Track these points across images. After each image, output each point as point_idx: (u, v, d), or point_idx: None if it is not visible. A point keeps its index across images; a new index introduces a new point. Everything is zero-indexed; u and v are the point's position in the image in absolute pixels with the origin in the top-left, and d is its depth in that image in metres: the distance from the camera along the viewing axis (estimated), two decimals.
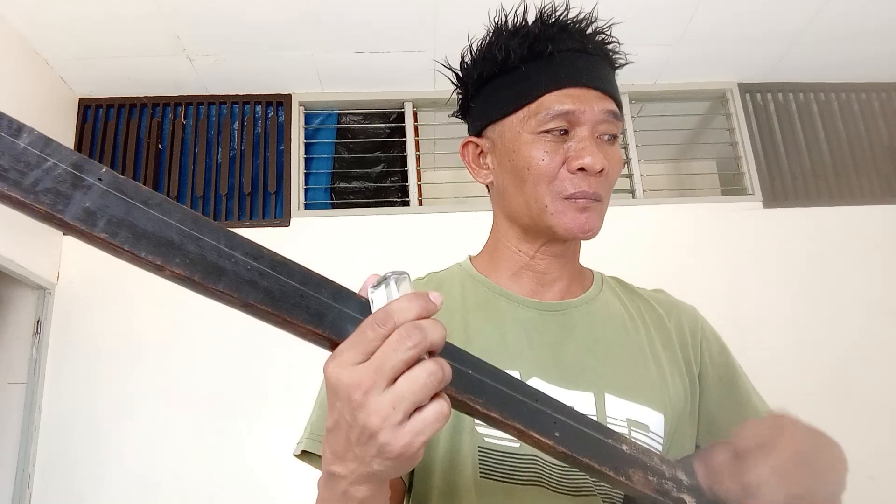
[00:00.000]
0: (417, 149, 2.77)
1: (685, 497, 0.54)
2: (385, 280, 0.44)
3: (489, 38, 0.76)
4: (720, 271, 2.59)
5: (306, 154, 2.75)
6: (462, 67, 0.79)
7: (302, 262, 0.45)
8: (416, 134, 2.80)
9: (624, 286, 0.85)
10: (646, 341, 0.76)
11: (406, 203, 2.70)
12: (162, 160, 2.69)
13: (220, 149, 2.70)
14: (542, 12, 0.74)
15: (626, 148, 2.81)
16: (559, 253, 0.76)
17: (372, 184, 2.82)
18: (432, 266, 0.88)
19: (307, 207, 2.67)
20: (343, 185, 2.81)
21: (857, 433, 2.40)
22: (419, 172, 2.76)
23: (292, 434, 0.75)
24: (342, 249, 2.46)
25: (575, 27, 0.74)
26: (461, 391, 0.46)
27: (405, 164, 2.74)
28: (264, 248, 0.42)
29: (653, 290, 0.87)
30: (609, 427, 0.54)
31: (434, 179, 2.84)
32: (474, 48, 0.77)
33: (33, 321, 2.36)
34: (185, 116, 2.74)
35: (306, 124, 2.78)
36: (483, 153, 0.78)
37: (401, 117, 2.82)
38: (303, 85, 2.72)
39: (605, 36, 0.76)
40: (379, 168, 2.83)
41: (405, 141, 2.76)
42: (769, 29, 2.50)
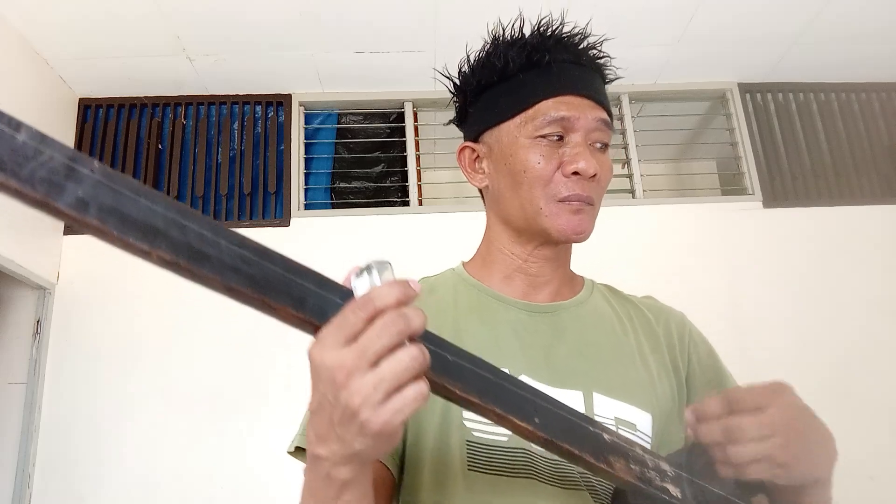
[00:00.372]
0: (417, 149, 2.78)
1: (669, 486, 0.55)
2: (368, 268, 0.46)
3: (487, 48, 0.79)
4: (720, 271, 2.59)
5: (306, 154, 2.75)
6: (460, 75, 0.82)
7: (302, 262, 0.46)
8: (416, 134, 2.80)
9: (614, 292, 0.87)
10: (634, 344, 0.78)
11: (406, 203, 2.70)
12: (162, 160, 2.69)
13: (220, 149, 2.70)
14: (540, 24, 0.78)
15: (626, 148, 2.81)
16: (551, 256, 0.79)
17: (372, 184, 2.82)
18: (432, 266, 0.88)
19: (307, 207, 2.67)
20: (343, 185, 2.81)
21: (857, 433, 2.40)
22: (419, 172, 2.76)
23: (293, 434, 0.75)
24: (342, 249, 2.46)
25: (569, 40, 0.78)
26: (439, 375, 0.47)
27: (405, 164, 2.74)
28: (248, 238, 0.44)
29: (643, 297, 0.89)
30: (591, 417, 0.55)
31: (434, 179, 2.84)
32: (472, 57, 0.81)
33: (33, 321, 2.36)
34: (185, 116, 2.74)
35: (306, 124, 2.78)
36: (479, 158, 0.81)
37: (401, 117, 2.82)
38: (303, 85, 2.72)
39: (598, 51, 0.80)
40: (379, 168, 2.83)
41: (405, 141, 2.76)
42: (769, 29, 2.50)
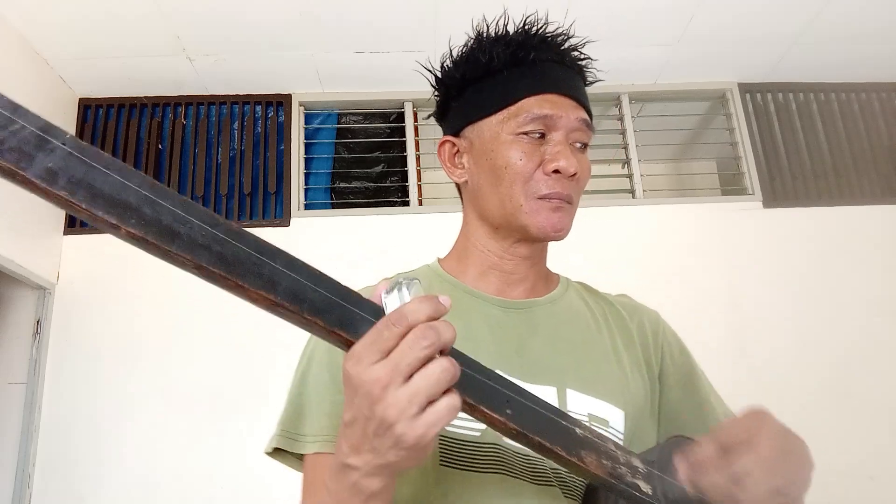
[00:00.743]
0: (417, 149, 2.77)
1: (640, 483, 0.55)
2: (397, 285, 0.47)
3: (472, 44, 0.79)
4: (720, 271, 2.59)
5: (306, 154, 2.75)
6: (443, 70, 0.82)
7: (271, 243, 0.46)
8: (416, 134, 2.80)
9: (589, 290, 0.88)
10: (608, 341, 0.79)
11: (406, 203, 2.70)
12: (162, 160, 2.69)
13: (220, 149, 2.70)
14: (526, 22, 0.78)
15: (626, 148, 2.81)
16: (528, 254, 0.79)
17: (372, 184, 2.82)
18: None
19: (307, 207, 2.67)
20: (343, 185, 2.81)
21: (857, 433, 2.41)
22: (419, 172, 2.76)
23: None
24: (342, 249, 2.46)
25: (553, 40, 0.78)
26: None
27: (405, 164, 2.74)
28: (220, 217, 0.43)
29: (617, 295, 0.89)
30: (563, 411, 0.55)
31: (434, 179, 2.84)
32: (455, 53, 0.81)
33: (33, 321, 2.36)
34: (185, 116, 2.74)
35: (306, 124, 2.78)
36: (459, 152, 0.81)
37: (401, 117, 2.82)
38: (303, 85, 2.72)
39: (580, 53, 0.80)
40: (379, 168, 2.83)
41: (405, 141, 2.76)
42: (769, 29, 2.50)
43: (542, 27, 0.78)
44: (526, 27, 0.78)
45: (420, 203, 2.69)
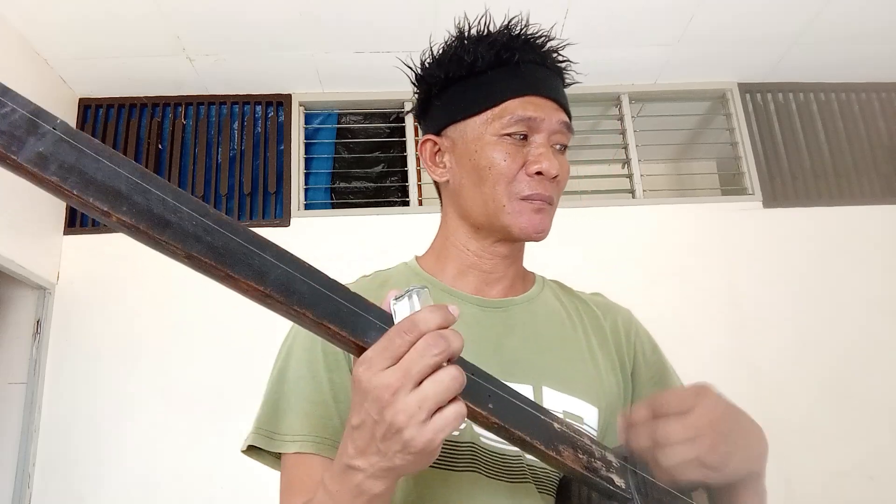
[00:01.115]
0: (417, 149, 2.77)
1: (614, 477, 0.56)
2: (407, 293, 0.48)
3: (454, 43, 0.80)
4: (720, 271, 2.59)
5: (306, 154, 2.75)
6: (425, 68, 0.82)
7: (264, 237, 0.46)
8: (416, 134, 2.80)
9: (563, 288, 0.89)
10: (583, 339, 0.80)
11: (406, 203, 2.70)
12: (162, 160, 2.69)
13: (220, 149, 2.70)
14: (510, 23, 0.79)
15: (626, 148, 2.81)
16: (507, 253, 0.80)
17: (372, 184, 2.82)
18: None
19: (307, 207, 2.67)
20: (343, 185, 2.81)
21: (857, 433, 2.41)
22: (419, 172, 2.76)
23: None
24: (342, 249, 2.45)
25: (536, 42, 0.79)
26: None
27: (405, 164, 2.74)
28: (210, 207, 0.43)
29: (591, 294, 0.90)
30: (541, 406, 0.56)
31: None
32: (436, 51, 0.82)
33: (33, 321, 2.36)
34: (185, 116, 2.74)
35: (306, 124, 2.78)
36: (441, 151, 0.81)
37: (401, 117, 2.82)
38: (303, 85, 2.72)
39: (559, 54, 0.81)
40: (379, 168, 2.83)
41: (405, 141, 2.76)
42: (769, 29, 2.50)
43: (525, 28, 0.79)
44: (509, 28, 0.79)
45: (420, 203, 2.69)
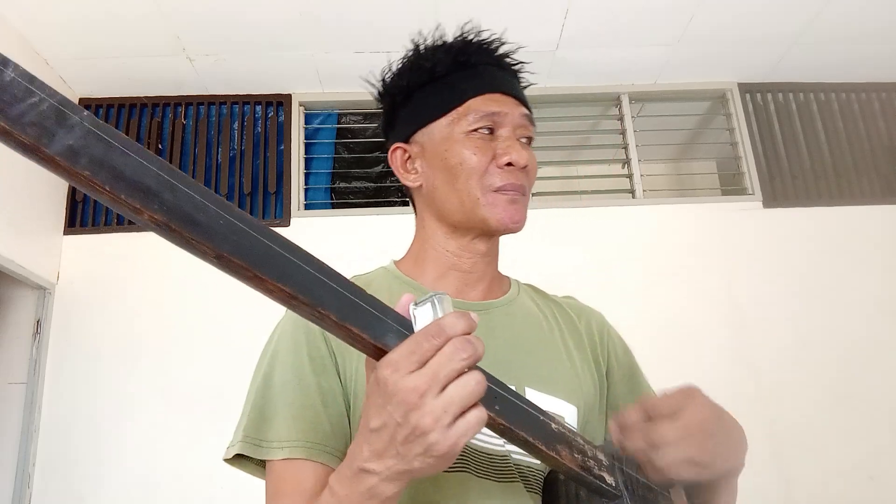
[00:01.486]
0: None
1: (605, 475, 0.58)
2: (429, 299, 0.49)
3: (412, 55, 0.83)
4: (720, 271, 2.59)
5: (306, 154, 2.75)
6: (385, 83, 0.85)
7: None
8: None
9: (537, 291, 0.91)
10: (560, 340, 0.82)
11: (406, 203, 2.70)
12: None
13: (220, 149, 2.70)
14: (462, 31, 0.83)
15: (626, 148, 2.81)
16: (485, 251, 0.81)
17: (372, 184, 2.82)
18: None
19: (307, 207, 2.67)
20: (343, 185, 2.81)
21: (858, 433, 2.41)
22: None
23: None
24: (342, 249, 2.45)
25: (490, 45, 0.83)
26: None
27: None
28: (233, 205, 0.43)
29: (563, 297, 0.92)
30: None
31: None
32: (394, 67, 0.85)
33: (33, 321, 2.36)
34: (185, 116, 2.74)
35: (306, 124, 2.78)
36: (411, 158, 0.83)
37: None
38: (303, 85, 2.72)
39: (512, 57, 0.85)
40: (379, 168, 2.83)
41: None
42: (769, 29, 2.50)
43: (478, 34, 0.83)
44: (463, 35, 0.82)
45: None
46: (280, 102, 2.76)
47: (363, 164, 2.83)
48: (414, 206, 0.88)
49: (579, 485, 0.60)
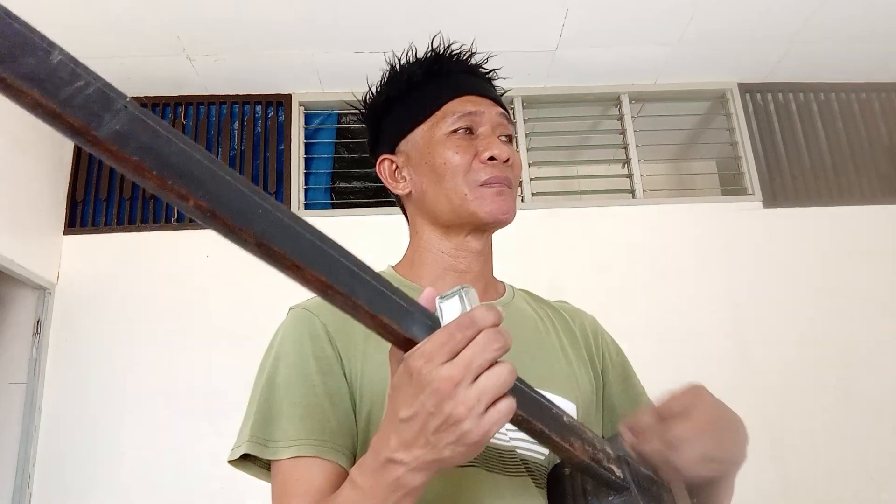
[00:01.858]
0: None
1: (613, 467, 0.59)
2: (456, 292, 0.50)
3: (388, 72, 0.88)
4: (720, 271, 2.59)
5: (306, 154, 2.75)
6: (366, 103, 0.91)
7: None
8: None
9: (532, 296, 0.93)
10: (556, 340, 0.85)
11: None
12: None
13: (220, 149, 2.70)
14: (433, 45, 0.87)
15: (626, 148, 2.81)
16: (479, 249, 0.83)
17: (372, 184, 2.82)
18: None
19: (307, 207, 2.67)
20: (343, 185, 2.81)
21: (858, 433, 2.41)
22: None
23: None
24: None
25: (461, 55, 0.87)
26: None
27: None
28: (270, 197, 0.43)
29: (557, 301, 0.95)
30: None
31: None
32: (373, 88, 0.90)
33: (33, 321, 2.36)
34: (185, 116, 2.74)
35: (306, 124, 2.78)
36: (398, 168, 0.86)
37: None
38: (303, 85, 2.72)
39: (483, 67, 0.88)
40: None
41: None
42: (769, 29, 2.50)
43: (449, 47, 0.86)
44: (434, 49, 0.86)
45: None
46: (280, 102, 2.76)
47: (363, 164, 2.83)
48: (406, 214, 0.91)
49: (589, 477, 0.61)
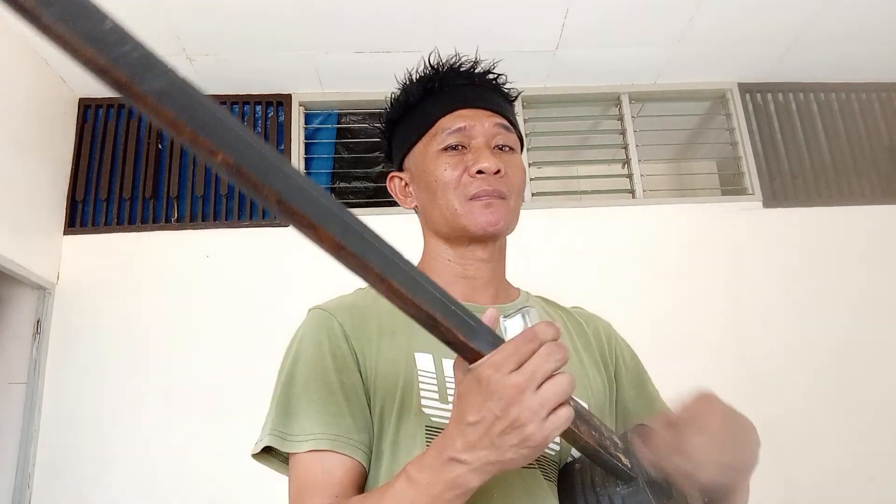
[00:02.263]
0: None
1: (620, 456, 0.61)
2: (520, 312, 0.57)
3: (395, 93, 0.92)
4: (720, 271, 2.59)
5: (306, 154, 2.75)
6: (381, 123, 0.94)
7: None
8: None
9: (547, 301, 0.95)
10: (569, 343, 0.86)
11: None
12: (162, 160, 2.69)
13: None
14: (433, 63, 0.89)
15: (626, 148, 2.81)
16: (485, 256, 0.85)
17: (372, 184, 2.82)
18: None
19: None
20: (343, 185, 2.81)
21: (858, 433, 2.41)
22: None
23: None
24: None
25: (461, 67, 0.88)
26: None
27: None
28: (287, 162, 0.46)
29: (572, 307, 0.96)
30: None
31: None
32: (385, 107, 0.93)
33: (33, 321, 2.36)
34: None
35: (306, 124, 2.78)
36: (406, 184, 0.90)
37: None
38: (303, 85, 2.72)
39: (487, 73, 0.89)
40: (379, 168, 2.83)
41: None
42: (769, 29, 2.50)
43: (452, 60, 0.88)
44: (432, 64, 0.89)
45: None
46: (280, 102, 2.76)
47: (363, 164, 2.83)
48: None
49: (596, 464, 0.62)
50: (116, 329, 2.40)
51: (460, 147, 0.83)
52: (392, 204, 2.72)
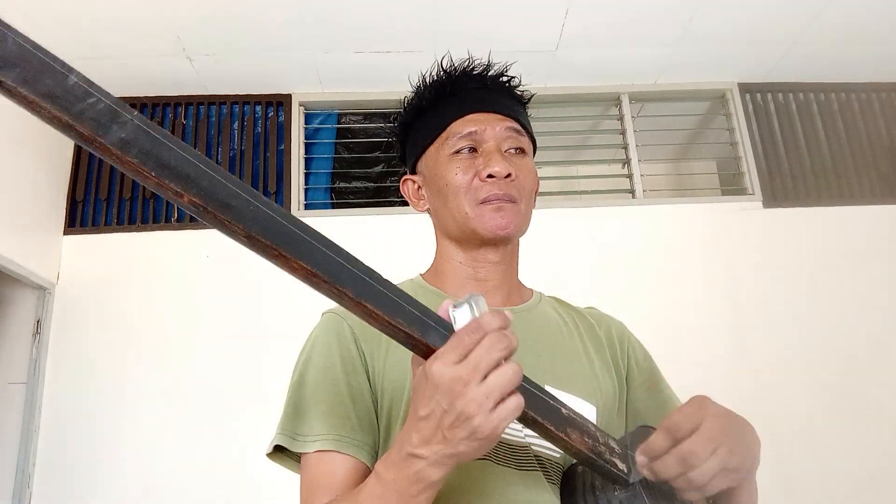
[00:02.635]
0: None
1: (616, 461, 0.61)
2: (467, 300, 0.55)
3: (408, 96, 0.92)
4: (720, 271, 2.59)
5: (306, 154, 2.75)
6: (394, 126, 0.96)
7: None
8: None
9: (560, 302, 0.95)
10: (579, 345, 0.86)
11: (406, 203, 2.69)
12: None
13: (220, 149, 2.70)
14: (446, 67, 0.89)
15: (626, 148, 2.81)
16: (496, 259, 0.86)
17: (372, 184, 2.82)
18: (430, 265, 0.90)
19: (307, 207, 2.67)
20: (343, 185, 2.81)
21: (858, 433, 2.41)
22: None
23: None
24: None
25: (473, 70, 0.89)
26: None
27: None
28: (261, 195, 0.48)
29: (586, 308, 0.96)
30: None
31: None
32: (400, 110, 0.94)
33: (33, 321, 2.36)
34: (185, 116, 2.74)
35: (306, 124, 2.78)
36: (420, 187, 0.91)
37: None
38: (303, 85, 2.72)
39: (501, 75, 0.89)
40: (379, 168, 2.83)
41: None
42: (769, 29, 2.50)
43: (462, 65, 0.89)
44: (445, 69, 0.89)
45: None
46: (280, 102, 2.76)
47: (363, 164, 2.83)
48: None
49: (592, 469, 0.63)
50: (116, 329, 2.40)
51: (472, 151, 0.84)
52: (392, 204, 2.74)
